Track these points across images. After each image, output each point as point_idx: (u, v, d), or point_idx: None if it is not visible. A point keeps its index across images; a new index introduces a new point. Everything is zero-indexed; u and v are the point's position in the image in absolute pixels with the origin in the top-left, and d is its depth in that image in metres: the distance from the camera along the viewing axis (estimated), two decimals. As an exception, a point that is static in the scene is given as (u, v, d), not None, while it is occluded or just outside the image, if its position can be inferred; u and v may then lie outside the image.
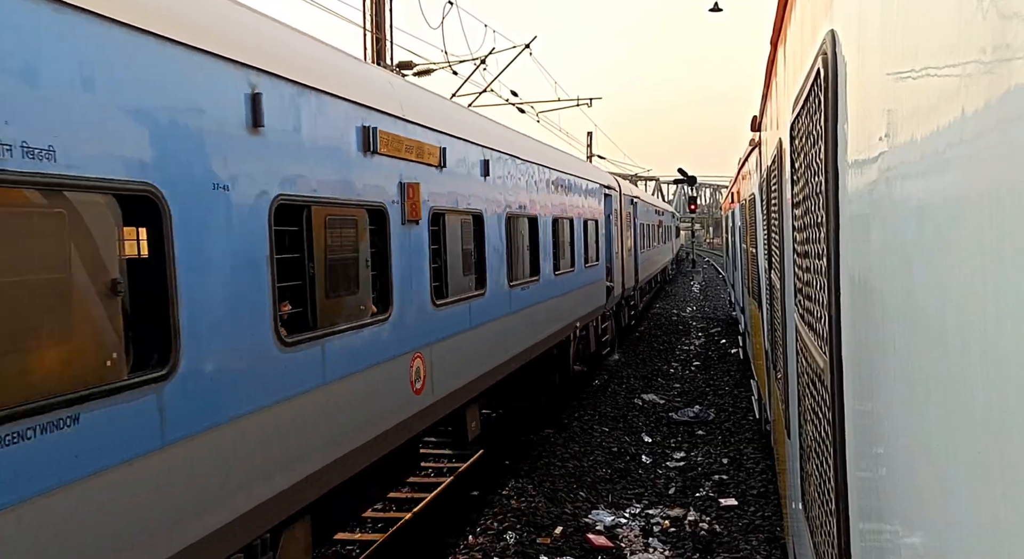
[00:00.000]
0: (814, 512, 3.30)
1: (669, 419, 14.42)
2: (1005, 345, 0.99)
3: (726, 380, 17.60)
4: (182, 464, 4.15)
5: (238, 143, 4.73)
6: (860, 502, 2.18)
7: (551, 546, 8.65)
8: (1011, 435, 0.97)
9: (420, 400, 7.27)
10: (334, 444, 5.72)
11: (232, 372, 4.61)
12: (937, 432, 1.34)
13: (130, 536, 3.77)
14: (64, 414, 3.40)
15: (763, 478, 10.83)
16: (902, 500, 1.63)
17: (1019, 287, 0.93)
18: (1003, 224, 0.99)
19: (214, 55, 4.52)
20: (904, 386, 1.59)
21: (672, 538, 8.97)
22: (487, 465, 11.61)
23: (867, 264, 1.97)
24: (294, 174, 5.31)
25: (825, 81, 2.41)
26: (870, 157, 1.83)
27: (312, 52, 5.90)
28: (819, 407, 2.94)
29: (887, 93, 1.65)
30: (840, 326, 2.37)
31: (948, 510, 1.28)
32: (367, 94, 6.46)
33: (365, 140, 6.32)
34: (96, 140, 3.65)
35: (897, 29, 1.57)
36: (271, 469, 4.93)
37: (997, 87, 0.98)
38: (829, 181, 2.37)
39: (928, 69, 1.33)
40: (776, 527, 8.91)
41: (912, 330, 1.51)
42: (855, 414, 2.23)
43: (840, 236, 2.33)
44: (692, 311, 32.05)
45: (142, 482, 3.86)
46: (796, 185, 3.72)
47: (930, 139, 1.31)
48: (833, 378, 2.43)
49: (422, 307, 7.39)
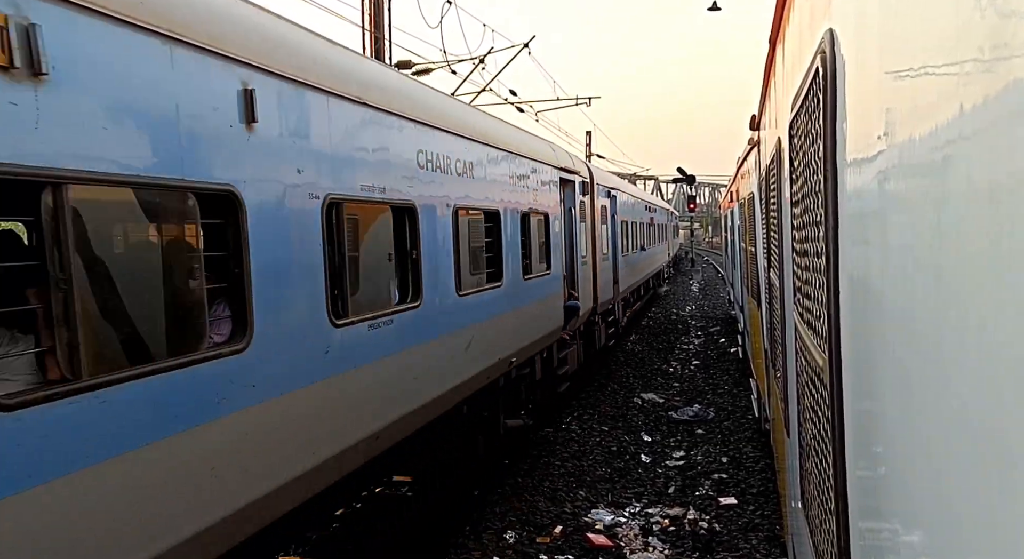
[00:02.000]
0: (813, 510, 3.31)
1: (668, 418, 14.42)
2: (1003, 343, 0.99)
3: (725, 379, 17.61)
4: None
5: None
6: (859, 500, 2.19)
7: (551, 545, 8.66)
8: (1009, 433, 0.97)
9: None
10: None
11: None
12: (936, 430, 1.34)
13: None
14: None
15: (762, 477, 10.83)
16: (901, 498, 1.63)
17: (1017, 285, 0.94)
18: (1001, 222, 0.99)
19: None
20: (903, 384, 1.59)
21: (672, 537, 8.97)
22: (486, 465, 11.61)
23: (866, 262, 1.97)
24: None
25: (824, 80, 2.41)
26: (869, 156, 1.84)
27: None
28: (818, 406, 2.94)
29: (886, 92, 1.65)
30: (839, 324, 2.37)
31: (947, 508, 1.28)
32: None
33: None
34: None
35: (896, 28, 1.57)
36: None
37: (995, 85, 0.98)
38: (828, 180, 2.37)
39: (927, 67, 1.33)
40: (775, 526, 8.91)
41: (911, 328, 1.51)
42: (854, 412, 2.23)
43: (839, 235, 2.33)
44: (691, 310, 32.06)
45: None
46: (795, 184, 3.72)
47: (929, 137, 1.31)
48: (832, 377, 2.43)
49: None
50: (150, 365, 3.99)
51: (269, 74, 5.00)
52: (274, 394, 5.02)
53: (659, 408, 15.19)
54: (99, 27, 3.74)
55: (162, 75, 4.12)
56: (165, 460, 4.02)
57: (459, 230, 8.48)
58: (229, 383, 4.53)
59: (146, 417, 3.91)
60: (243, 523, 4.67)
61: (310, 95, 5.54)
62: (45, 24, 3.34)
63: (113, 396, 3.66)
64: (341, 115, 6.03)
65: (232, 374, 4.55)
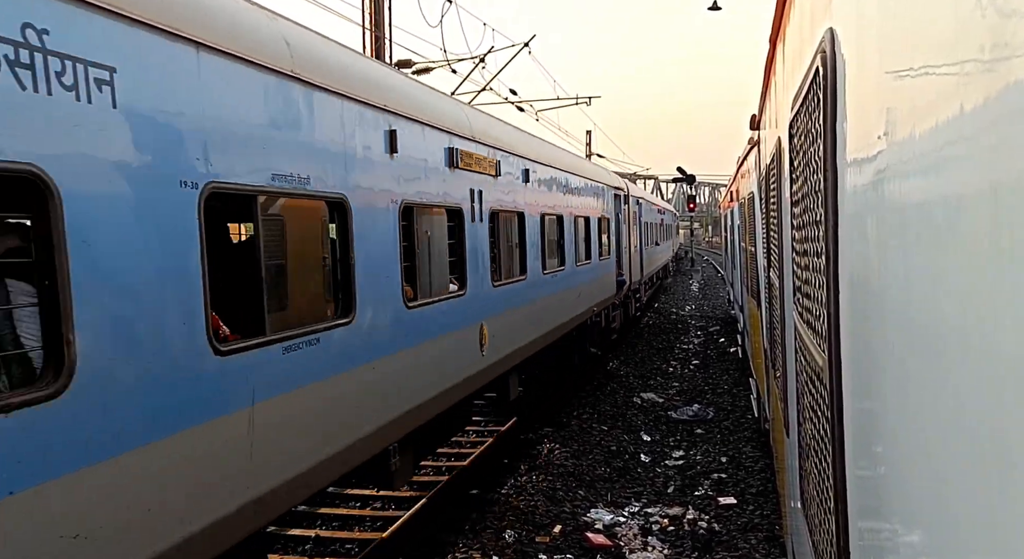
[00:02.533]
0: (813, 510, 3.31)
1: (668, 418, 14.42)
2: (1003, 343, 0.99)
3: (725, 379, 17.61)
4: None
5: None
6: (859, 500, 2.18)
7: (550, 544, 8.66)
8: (1009, 433, 0.97)
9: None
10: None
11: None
12: (935, 430, 1.34)
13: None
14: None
15: (762, 477, 10.84)
16: (901, 498, 1.63)
17: (1017, 285, 0.93)
18: (1001, 222, 0.99)
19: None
20: (903, 384, 1.59)
21: (671, 537, 8.98)
22: (486, 465, 11.62)
23: (866, 262, 1.97)
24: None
25: (824, 79, 2.41)
26: (869, 155, 1.83)
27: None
28: (818, 405, 2.94)
29: (886, 91, 1.65)
30: (839, 324, 2.37)
31: (946, 508, 1.28)
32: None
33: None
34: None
35: (896, 27, 1.57)
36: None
37: (996, 85, 0.98)
38: (828, 179, 2.37)
39: (927, 67, 1.33)
40: (775, 525, 8.92)
41: (911, 328, 1.51)
42: (854, 412, 2.23)
43: (839, 234, 2.33)
44: (691, 310, 32.06)
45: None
46: (795, 183, 3.72)
47: (929, 137, 1.31)
48: (832, 376, 2.43)
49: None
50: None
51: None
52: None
53: (659, 408, 15.19)
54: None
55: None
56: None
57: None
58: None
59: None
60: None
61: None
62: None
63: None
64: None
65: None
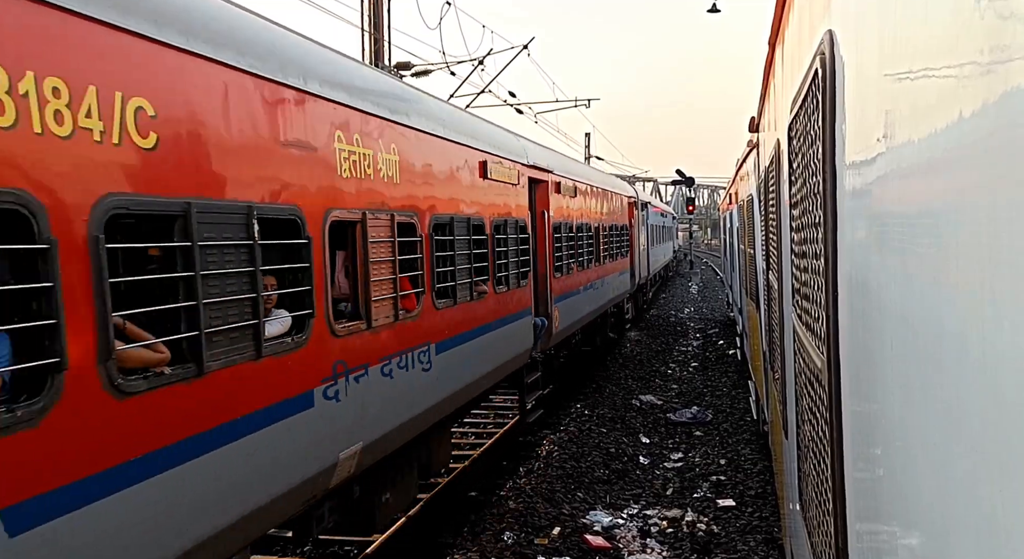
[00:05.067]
0: (812, 512, 3.31)
1: (667, 420, 14.42)
2: (1002, 345, 0.99)
3: (724, 381, 17.61)
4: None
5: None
6: (857, 502, 2.19)
7: (549, 547, 8.66)
8: (1008, 435, 0.97)
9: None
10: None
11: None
12: (934, 432, 1.34)
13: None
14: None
15: (761, 479, 10.84)
16: (899, 500, 1.63)
17: (1016, 287, 0.94)
18: (1000, 224, 0.99)
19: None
20: (902, 386, 1.59)
21: (670, 539, 8.98)
22: (485, 465, 11.62)
23: (865, 264, 1.97)
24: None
25: (823, 81, 2.41)
26: (868, 157, 1.84)
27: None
28: (817, 407, 2.94)
29: (885, 93, 1.65)
30: (838, 326, 2.38)
31: (945, 510, 1.28)
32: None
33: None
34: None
35: (895, 29, 1.57)
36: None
37: (995, 87, 0.98)
38: (827, 181, 2.38)
39: (926, 69, 1.33)
40: (774, 527, 8.92)
41: (910, 330, 1.52)
42: (853, 414, 2.23)
43: (838, 236, 2.33)
44: (690, 312, 32.06)
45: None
46: (794, 185, 3.73)
47: (928, 139, 1.31)
48: (831, 378, 2.43)
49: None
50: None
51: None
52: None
53: (657, 410, 15.19)
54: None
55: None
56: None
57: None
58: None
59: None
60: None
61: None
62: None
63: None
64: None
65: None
